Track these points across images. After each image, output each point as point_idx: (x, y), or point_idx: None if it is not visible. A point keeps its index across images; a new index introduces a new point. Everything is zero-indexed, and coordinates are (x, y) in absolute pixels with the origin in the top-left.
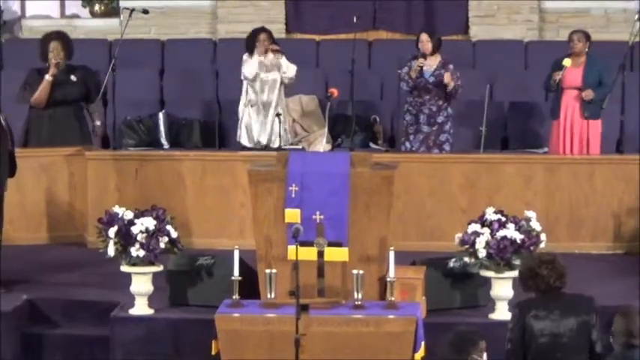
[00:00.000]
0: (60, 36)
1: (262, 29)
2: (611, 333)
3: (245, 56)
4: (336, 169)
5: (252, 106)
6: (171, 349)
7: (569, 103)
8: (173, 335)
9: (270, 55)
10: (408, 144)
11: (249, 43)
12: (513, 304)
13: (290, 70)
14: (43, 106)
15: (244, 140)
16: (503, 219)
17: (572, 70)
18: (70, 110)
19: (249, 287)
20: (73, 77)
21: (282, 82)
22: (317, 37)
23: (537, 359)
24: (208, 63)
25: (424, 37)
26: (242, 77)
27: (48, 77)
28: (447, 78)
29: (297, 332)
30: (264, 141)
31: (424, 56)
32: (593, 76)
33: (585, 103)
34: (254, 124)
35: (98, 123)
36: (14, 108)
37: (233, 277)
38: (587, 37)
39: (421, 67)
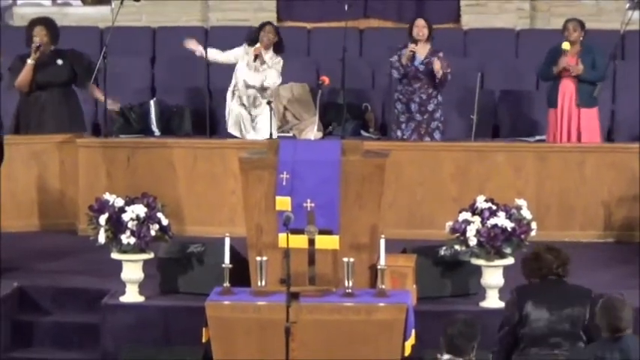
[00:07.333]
0: (44, 21)
1: (269, 22)
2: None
3: (243, 47)
4: (327, 157)
5: (238, 97)
6: (162, 337)
7: (567, 92)
8: (163, 323)
9: (269, 54)
10: (399, 132)
11: (254, 34)
12: (509, 290)
13: (271, 78)
14: (26, 90)
15: (233, 131)
16: (494, 207)
17: (567, 59)
18: (59, 94)
19: (240, 275)
20: (59, 61)
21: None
22: (308, 26)
23: (531, 344)
24: None
25: (421, 22)
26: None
27: (30, 61)
28: (436, 65)
29: (288, 320)
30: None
31: (416, 42)
32: (588, 62)
33: (580, 92)
34: (244, 118)
35: (110, 101)
36: (7, 95)
37: (224, 265)
38: (582, 25)
39: (413, 53)
